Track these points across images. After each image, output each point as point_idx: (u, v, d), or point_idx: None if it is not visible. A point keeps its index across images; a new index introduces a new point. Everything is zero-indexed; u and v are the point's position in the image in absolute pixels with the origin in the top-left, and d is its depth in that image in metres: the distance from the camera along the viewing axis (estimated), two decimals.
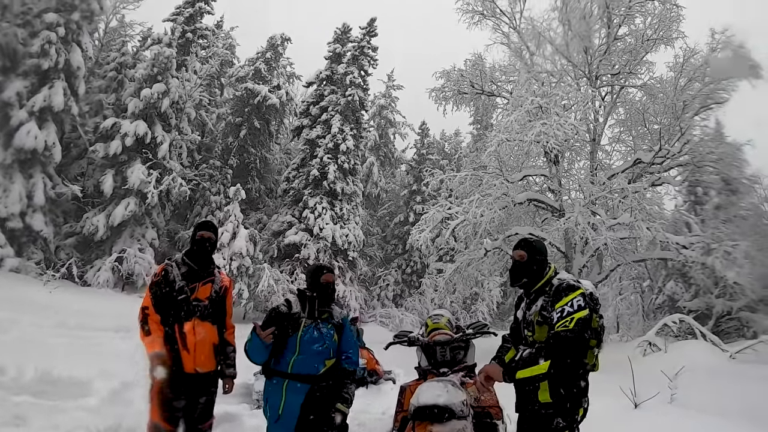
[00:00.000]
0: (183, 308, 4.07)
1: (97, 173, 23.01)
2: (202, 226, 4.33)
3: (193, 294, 4.12)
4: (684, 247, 18.60)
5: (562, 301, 3.42)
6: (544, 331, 3.52)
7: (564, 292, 3.47)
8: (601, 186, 19.14)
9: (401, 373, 10.51)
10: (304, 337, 3.96)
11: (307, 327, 4.01)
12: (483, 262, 20.46)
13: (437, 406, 3.42)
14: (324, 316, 4.10)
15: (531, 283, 3.74)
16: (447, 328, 4.55)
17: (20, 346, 7.83)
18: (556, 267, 3.81)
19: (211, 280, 4.26)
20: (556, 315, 3.38)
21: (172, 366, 3.99)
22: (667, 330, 16.62)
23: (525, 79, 19.73)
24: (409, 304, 31.97)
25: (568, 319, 3.32)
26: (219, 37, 32.17)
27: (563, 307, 3.39)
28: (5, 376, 6.28)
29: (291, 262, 25.43)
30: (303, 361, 3.94)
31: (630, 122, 21.95)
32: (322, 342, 3.98)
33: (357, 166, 28.02)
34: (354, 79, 27.70)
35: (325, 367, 3.98)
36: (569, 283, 3.53)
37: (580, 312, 3.35)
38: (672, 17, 20.34)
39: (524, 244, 3.81)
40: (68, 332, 10.34)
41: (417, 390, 3.69)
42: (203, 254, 4.27)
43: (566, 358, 3.30)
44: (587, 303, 3.44)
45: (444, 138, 41.34)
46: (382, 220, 36.36)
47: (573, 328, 3.29)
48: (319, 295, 4.12)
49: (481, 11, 22.76)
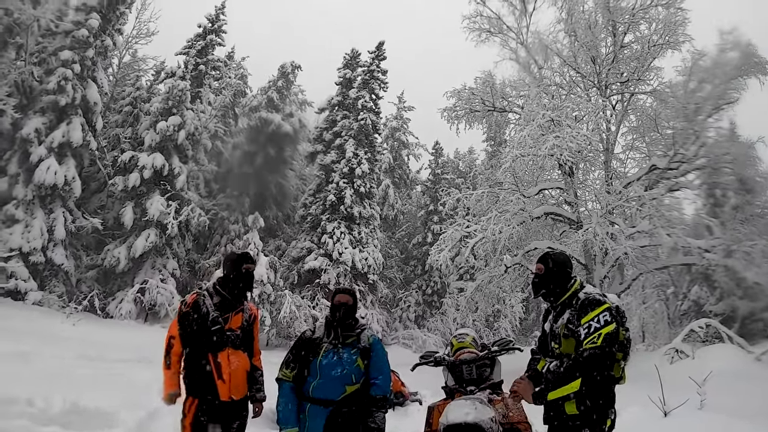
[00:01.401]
0: (216, 338, 4.09)
1: (117, 206, 23.34)
2: (246, 259, 4.31)
3: (227, 324, 4.15)
4: (706, 251, 18.38)
5: (587, 316, 3.46)
6: (570, 344, 3.56)
7: (590, 307, 3.50)
8: (617, 195, 19.03)
9: (428, 393, 10.50)
10: (323, 362, 4.00)
11: (327, 352, 4.04)
12: (504, 279, 20.39)
13: (466, 423, 3.43)
14: (349, 341, 4.10)
15: (554, 296, 3.77)
16: (472, 347, 4.56)
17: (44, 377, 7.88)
18: (582, 281, 3.83)
19: (241, 310, 4.29)
20: (584, 331, 3.42)
21: (207, 395, 4.03)
22: (694, 336, 16.42)
23: (535, 94, 19.80)
24: (431, 324, 31.91)
25: (596, 335, 3.35)
26: (231, 68, 32.58)
27: (590, 323, 3.42)
28: (33, 408, 6.34)
29: (312, 287, 25.53)
30: (323, 386, 3.96)
31: (642, 129, 21.83)
32: (342, 367, 3.98)
33: (373, 190, 28.16)
34: (366, 103, 27.96)
35: (345, 393, 3.96)
36: (595, 298, 3.56)
37: (607, 327, 3.38)
38: (677, 21, 20.35)
39: (542, 257, 3.87)
40: (90, 363, 10.38)
41: (445, 409, 3.70)
42: (247, 287, 4.29)
43: (596, 375, 3.33)
44: (613, 317, 3.46)
45: (458, 156, 41.45)
46: (401, 241, 36.38)
47: (601, 344, 3.32)
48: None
49: (488, 29, 22.98)
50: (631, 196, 18.78)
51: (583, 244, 18.69)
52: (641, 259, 19.14)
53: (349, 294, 4.27)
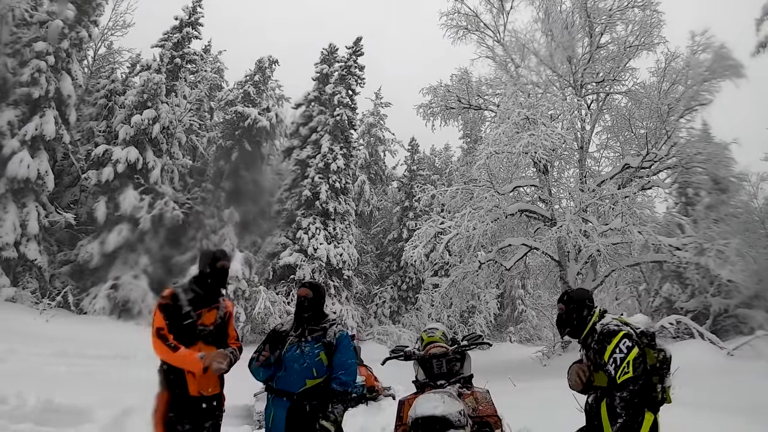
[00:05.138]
0: (188, 333, 4.08)
1: (90, 200, 23.02)
2: (221, 256, 4.32)
3: (199, 320, 4.15)
4: (677, 249, 18.69)
5: (607, 350, 3.55)
6: (601, 377, 3.69)
7: (606, 341, 3.59)
8: (591, 193, 19.30)
9: (401, 388, 10.56)
10: (287, 355, 4.08)
11: (291, 345, 4.11)
12: (478, 275, 20.52)
13: (434, 417, 3.52)
14: (314, 335, 4.15)
15: (577, 333, 3.88)
16: (442, 341, 4.63)
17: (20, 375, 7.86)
18: (602, 310, 3.91)
19: (216, 306, 4.28)
20: (612, 367, 3.50)
21: (176, 389, 4.01)
22: (665, 332, 16.73)
23: (512, 92, 19.91)
24: (406, 320, 31.98)
25: (625, 365, 3.45)
26: (207, 61, 32.34)
27: (613, 356, 3.51)
28: (7, 405, 6.33)
29: (287, 283, 25.42)
30: (285, 378, 4.05)
31: (617, 128, 22.09)
32: (303, 360, 4.04)
33: (348, 185, 28.15)
34: (342, 99, 27.93)
35: (306, 386, 4.01)
36: (609, 329, 3.64)
37: (630, 354, 3.47)
38: (653, 23, 20.65)
39: (562, 297, 3.98)
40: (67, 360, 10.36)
41: (414, 402, 3.79)
42: (220, 284, 4.29)
43: (637, 401, 3.46)
44: (634, 342, 3.54)
45: (434, 153, 41.58)
46: (376, 237, 36.41)
47: (635, 373, 3.43)
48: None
49: (465, 26, 23.06)
50: (604, 194, 19.08)
51: (557, 241, 18.94)
52: (614, 256, 19.41)
53: (311, 287, 4.30)
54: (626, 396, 3.43)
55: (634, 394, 3.44)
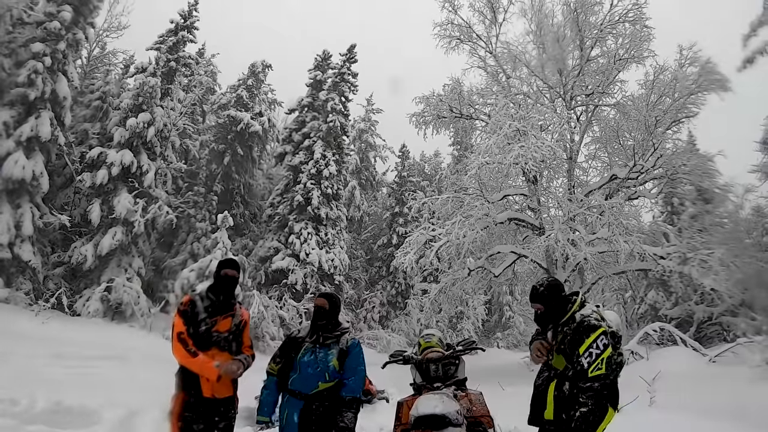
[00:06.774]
0: (203, 339, 4.36)
1: (84, 203, 23.05)
2: (226, 264, 4.59)
3: (214, 327, 4.43)
4: (662, 258, 19.05)
5: (584, 344, 3.69)
6: (559, 359, 3.90)
7: (585, 334, 3.73)
8: (579, 203, 19.66)
9: (395, 391, 10.82)
10: (302, 359, 4.43)
11: (306, 350, 4.47)
12: (467, 281, 20.85)
13: (435, 415, 3.84)
14: (328, 342, 4.50)
15: (557, 321, 4.03)
16: (438, 346, 4.91)
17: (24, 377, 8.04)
18: (583, 299, 4.06)
19: (231, 314, 4.57)
20: (585, 360, 3.66)
21: (191, 390, 4.29)
22: (649, 338, 17.12)
23: (503, 104, 20.22)
24: (396, 325, 32.18)
25: (599, 362, 3.64)
26: (201, 64, 32.47)
27: (590, 350, 3.66)
28: (18, 407, 6.53)
29: (279, 287, 25.50)
30: (299, 380, 4.38)
31: (605, 140, 22.52)
32: (316, 365, 4.37)
33: (340, 191, 28.31)
34: (335, 106, 28.09)
35: (318, 388, 4.33)
36: (590, 323, 3.78)
37: (605, 351, 3.67)
38: (642, 37, 21.09)
39: (534, 296, 4.08)
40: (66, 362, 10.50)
41: (416, 402, 4.10)
42: (226, 291, 4.56)
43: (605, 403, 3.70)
44: (609, 341, 3.74)
45: (424, 159, 41.87)
46: (366, 243, 36.60)
47: (606, 371, 3.65)
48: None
49: (458, 36, 23.41)
50: (592, 204, 19.45)
51: (546, 250, 19.29)
52: (600, 264, 19.77)
53: (326, 298, 4.63)
54: (597, 387, 3.62)
55: (603, 388, 3.66)
